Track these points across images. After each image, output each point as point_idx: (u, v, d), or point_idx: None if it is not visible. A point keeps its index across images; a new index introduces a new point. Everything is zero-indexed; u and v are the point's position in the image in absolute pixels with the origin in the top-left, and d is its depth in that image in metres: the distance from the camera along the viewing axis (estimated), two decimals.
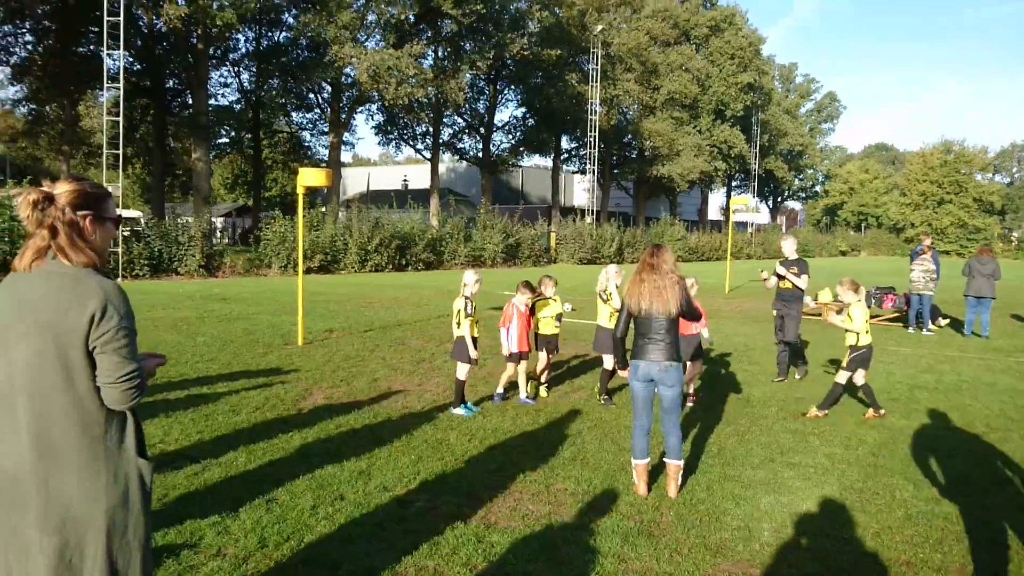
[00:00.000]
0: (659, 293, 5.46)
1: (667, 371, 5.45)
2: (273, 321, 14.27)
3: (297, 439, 6.59)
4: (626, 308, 5.64)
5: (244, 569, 4.10)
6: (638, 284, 5.58)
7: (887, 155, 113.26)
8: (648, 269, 5.59)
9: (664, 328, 5.46)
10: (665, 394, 5.52)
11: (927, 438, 7.18)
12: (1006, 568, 4.39)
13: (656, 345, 5.46)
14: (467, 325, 7.78)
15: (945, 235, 72.57)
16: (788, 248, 10.28)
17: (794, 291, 9.99)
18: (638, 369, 5.52)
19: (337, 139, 43.60)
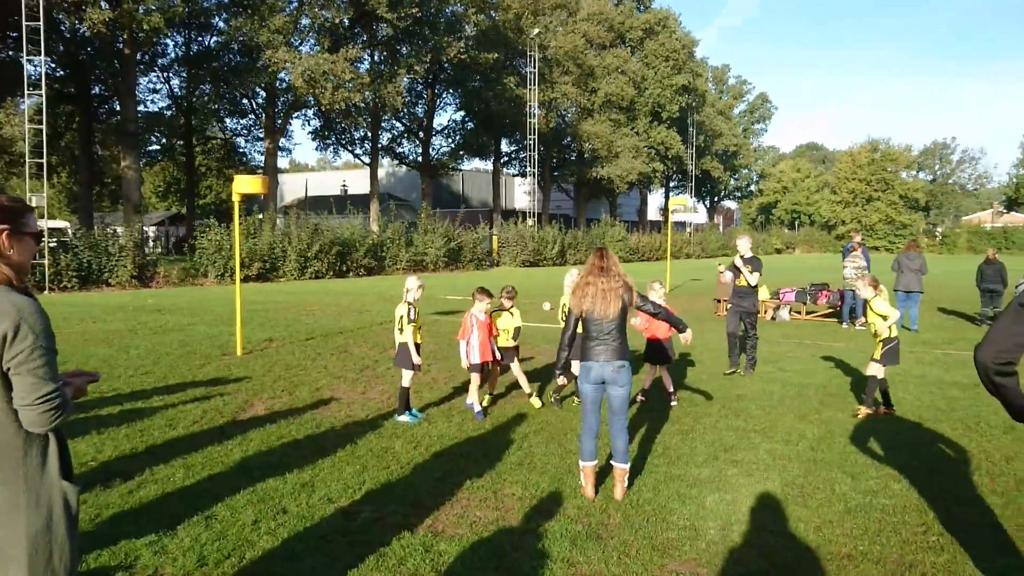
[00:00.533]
0: (604, 296, 5.48)
1: (619, 371, 5.45)
2: (210, 331, 13.91)
3: (237, 452, 6.42)
4: (574, 311, 5.65)
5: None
6: (584, 287, 5.60)
7: (817, 154, 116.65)
8: (597, 272, 5.61)
9: (614, 328, 5.48)
10: (615, 394, 5.51)
11: (863, 431, 7.38)
12: (939, 558, 4.52)
13: (607, 346, 5.47)
14: (410, 331, 7.69)
15: (874, 231, 75.01)
16: (744, 246, 10.57)
17: (749, 288, 10.34)
18: (590, 371, 5.49)
19: (273, 145, 42.83)
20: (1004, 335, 3.05)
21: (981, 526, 4.98)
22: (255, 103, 46.27)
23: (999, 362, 3.03)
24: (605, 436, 5.93)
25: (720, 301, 18.25)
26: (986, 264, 16.49)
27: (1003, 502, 5.44)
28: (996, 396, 3.17)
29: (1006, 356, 3.03)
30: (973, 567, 4.36)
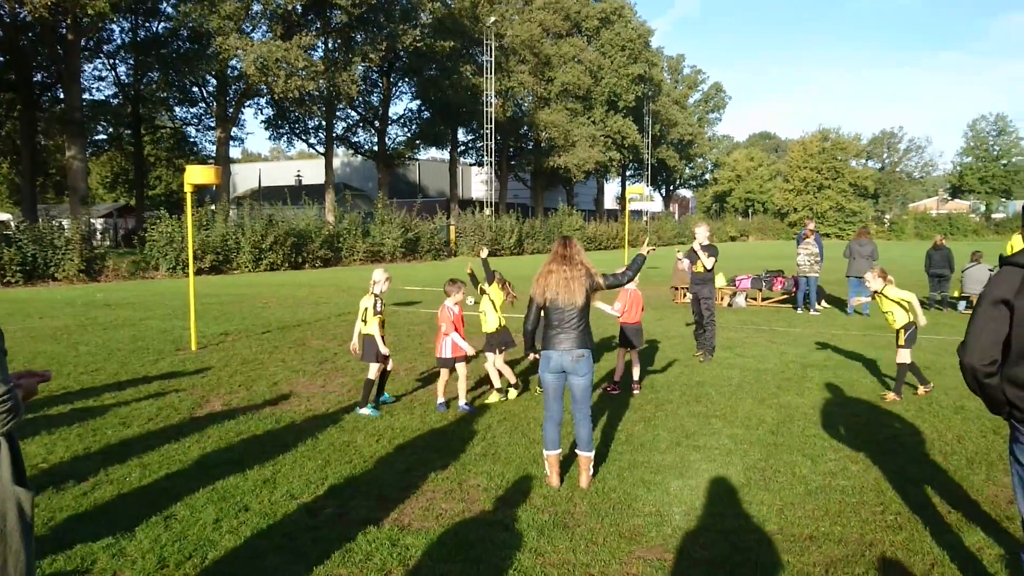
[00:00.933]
0: (567, 284, 5.45)
1: (578, 361, 5.43)
2: (163, 326, 13.60)
3: (195, 450, 6.28)
4: (535, 299, 5.62)
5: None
6: (546, 275, 5.56)
7: (770, 143, 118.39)
8: (559, 260, 5.58)
9: (575, 317, 5.46)
10: (576, 384, 5.50)
11: (821, 414, 7.51)
12: (898, 536, 4.62)
13: (567, 335, 5.44)
14: (375, 323, 7.60)
15: (825, 219, 76.42)
16: (702, 234, 10.76)
17: (707, 274, 10.59)
18: (550, 360, 5.48)
19: (225, 134, 41.99)
20: (984, 334, 3.10)
21: (936, 504, 5.11)
22: (206, 91, 45.31)
23: (985, 363, 3.09)
24: (569, 425, 5.94)
25: (678, 289, 18.43)
26: (934, 250, 16.91)
27: (955, 481, 5.59)
28: (979, 394, 3.23)
29: (991, 356, 3.09)
30: (930, 544, 4.46)
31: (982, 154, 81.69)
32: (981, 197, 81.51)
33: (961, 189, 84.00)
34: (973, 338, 3.13)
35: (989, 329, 3.08)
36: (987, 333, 3.09)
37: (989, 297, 3.12)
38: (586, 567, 4.18)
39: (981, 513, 4.96)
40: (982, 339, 3.10)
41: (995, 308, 3.07)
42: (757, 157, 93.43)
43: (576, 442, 5.60)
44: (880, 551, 4.39)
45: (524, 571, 4.12)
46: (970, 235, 70.59)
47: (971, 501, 5.17)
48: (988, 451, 6.28)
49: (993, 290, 3.11)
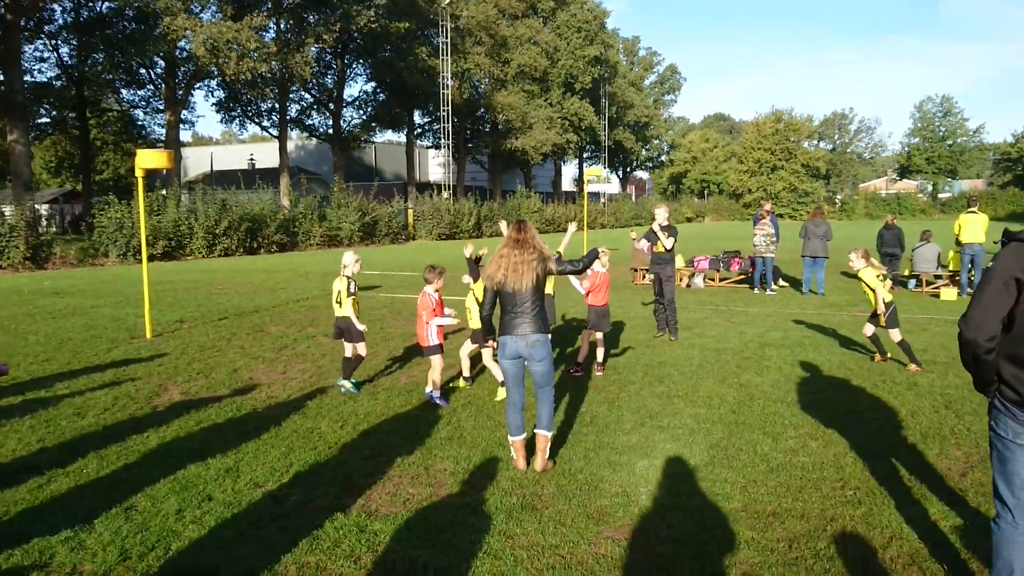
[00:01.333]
0: (515, 268, 5.39)
1: (534, 346, 5.38)
2: (116, 314, 13.29)
3: (154, 439, 6.16)
4: (487, 284, 5.56)
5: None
6: (498, 260, 5.51)
7: (725, 124, 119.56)
8: (512, 244, 5.53)
9: (527, 302, 5.40)
10: (536, 369, 5.47)
11: (780, 392, 7.65)
12: (857, 511, 4.73)
13: (522, 319, 5.39)
14: (349, 304, 7.69)
15: (779, 199, 77.52)
16: (661, 215, 10.87)
17: (667, 254, 10.69)
18: (506, 346, 5.44)
19: (174, 117, 40.97)
20: (990, 310, 3.14)
21: (893, 478, 5.24)
22: (154, 73, 44.10)
23: (987, 338, 3.15)
24: (533, 408, 5.94)
25: (637, 270, 18.58)
26: (885, 229, 17.28)
27: (911, 455, 5.74)
28: (973, 370, 3.29)
29: (993, 331, 3.15)
30: (889, 517, 4.58)
31: (929, 135, 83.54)
32: (928, 177, 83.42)
33: (909, 169, 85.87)
34: (978, 313, 3.17)
35: (995, 305, 3.14)
36: (993, 309, 3.14)
37: (999, 274, 3.15)
38: (555, 548, 4.20)
39: (936, 486, 5.10)
40: (988, 315, 3.15)
41: (1004, 285, 3.12)
42: (712, 139, 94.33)
43: (536, 420, 5.57)
44: (841, 525, 4.49)
45: (494, 554, 4.13)
46: (918, 215, 72.30)
47: (926, 475, 5.32)
48: (940, 426, 6.46)
49: (1003, 267, 3.14)
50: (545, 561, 4.05)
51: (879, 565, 3.99)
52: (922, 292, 16.29)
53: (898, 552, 4.13)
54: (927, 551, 4.14)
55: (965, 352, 3.26)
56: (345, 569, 3.97)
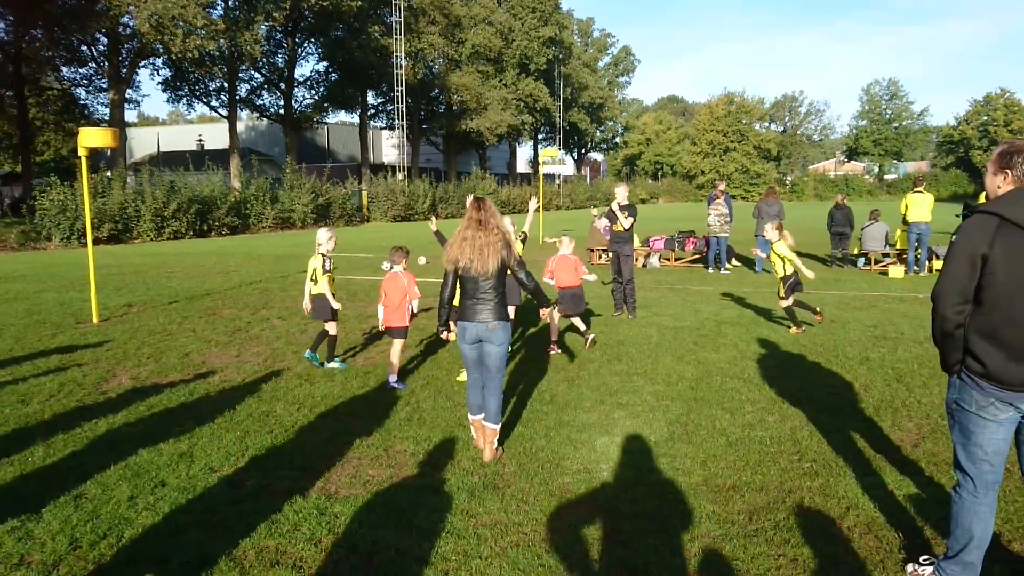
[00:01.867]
0: (480, 252, 5.17)
1: (494, 331, 5.24)
2: (60, 299, 12.87)
3: (103, 426, 5.98)
4: (449, 267, 5.31)
5: (55, 575, 3.64)
6: (461, 242, 5.25)
7: (678, 107, 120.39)
8: (475, 225, 5.25)
9: (491, 287, 5.23)
10: (492, 352, 5.29)
11: (737, 368, 7.74)
12: (815, 482, 4.80)
13: (484, 305, 5.22)
14: (325, 281, 7.72)
15: (731, 181, 78.54)
16: (621, 194, 11.06)
17: (626, 234, 10.83)
18: (466, 331, 5.28)
19: (119, 96, 39.69)
20: (958, 283, 3.17)
21: (848, 450, 5.34)
22: (96, 50, 42.57)
23: (957, 311, 3.18)
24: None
25: (593, 250, 18.64)
26: (836, 209, 17.59)
27: (864, 427, 5.86)
28: (942, 345, 3.32)
29: (963, 305, 3.18)
30: (845, 488, 4.66)
31: (876, 118, 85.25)
32: (875, 159, 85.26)
33: (856, 151, 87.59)
34: (946, 287, 3.21)
35: (962, 278, 3.16)
36: (960, 282, 3.17)
37: (964, 247, 3.17)
38: (518, 526, 4.19)
39: (890, 457, 5.21)
40: (955, 288, 3.18)
41: (969, 259, 3.14)
42: (666, 120, 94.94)
43: (484, 413, 5.36)
44: (799, 497, 4.55)
45: (457, 533, 4.10)
46: (865, 195, 73.94)
47: (880, 446, 5.43)
48: (892, 399, 6.60)
49: (966, 241, 3.17)
50: (509, 539, 4.03)
51: (837, 534, 4.06)
52: (871, 270, 16.64)
53: (855, 521, 4.21)
54: (883, 520, 4.22)
55: (935, 326, 3.30)
56: (306, 552, 3.90)
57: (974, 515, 3.34)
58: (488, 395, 5.35)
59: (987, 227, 3.11)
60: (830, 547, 3.91)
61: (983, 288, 3.14)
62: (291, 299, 12.69)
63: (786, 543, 3.95)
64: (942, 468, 4.93)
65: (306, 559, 3.83)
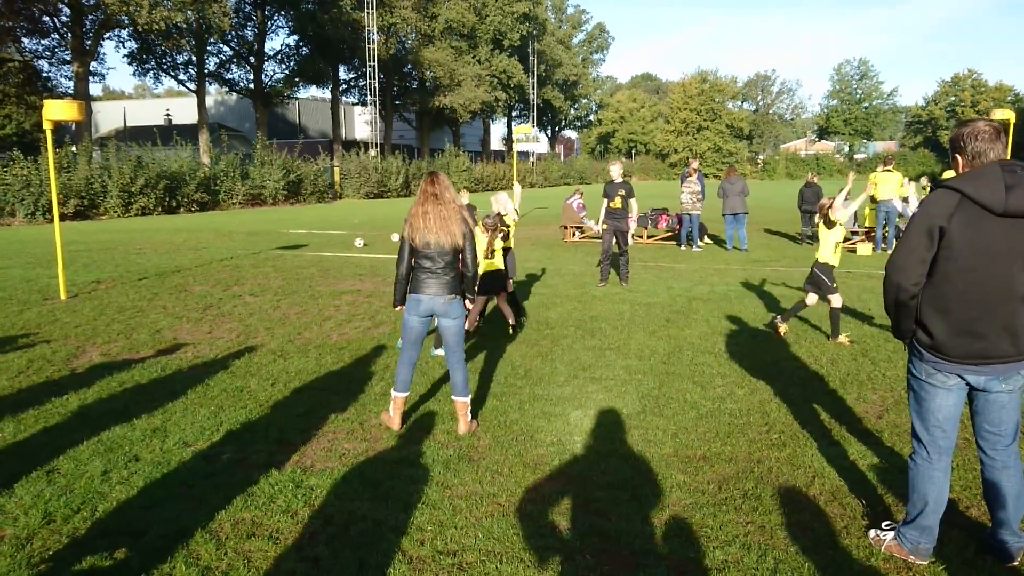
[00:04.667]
0: (445, 224, 5.15)
1: (450, 304, 5.25)
2: (26, 275, 12.67)
3: (74, 401, 5.93)
4: (407, 241, 5.24)
5: (29, 550, 3.63)
6: (422, 216, 5.19)
7: (652, 85, 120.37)
8: (431, 200, 5.20)
9: (448, 261, 5.22)
10: (448, 326, 5.31)
11: (708, 343, 7.86)
12: (782, 453, 4.92)
13: (440, 279, 5.21)
14: None
15: (704, 159, 78.95)
16: (615, 172, 11.64)
17: (622, 210, 11.38)
18: (420, 304, 5.23)
19: (83, 69, 38.81)
20: (915, 254, 3.24)
21: (815, 422, 5.47)
22: (58, 21, 41.54)
23: (912, 282, 3.26)
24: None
25: (567, 228, 18.69)
26: (806, 187, 17.80)
27: (831, 400, 5.99)
28: (894, 314, 3.40)
29: (918, 276, 3.26)
30: (811, 458, 4.78)
31: (846, 97, 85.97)
32: (845, 138, 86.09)
33: (827, 131, 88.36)
34: (903, 257, 3.28)
35: (919, 249, 3.24)
36: (916, 253, 3.25)
37: (923, 219, 3.24)
38: (493, 497, 4.25)
39: (855, 428, 5.34)
40: (911, 259, 3.25)
41: (927, 231, 3.21)
42: (639, 99, 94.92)
43: (451, 388, 5.39)
44: (767, 467, 4.66)
45: (432, 504, 4.15)
46: (835, 174, 74.68)
47: (845, 418, 5.56)
48: (858, 372, 6.75)
49: (927, 213, 3.24)
50: (484, 509, 4.09)
51: (804, 502, 4.17)
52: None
53: (820, 490, 4.32)
54: (847, 488, 4.34)
55: (888, 295, 3.37)
56: (282, 524, 3.93)
57: (929, 480, 3.46)
58: (453, 370, 5.36)
59: (948, 202, 3.19)
60: (797, 514, 4.02)
61: (937, 261, 3.22)
62: (263, 275, 12.61)
63: (754, 511, 4.06)
64: (904, 439, 5.07)
65: (282, 531, 3.86)
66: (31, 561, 3.54)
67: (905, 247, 3.28)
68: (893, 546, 3.59)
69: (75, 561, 3.53)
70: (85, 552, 3.61)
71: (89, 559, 3.54)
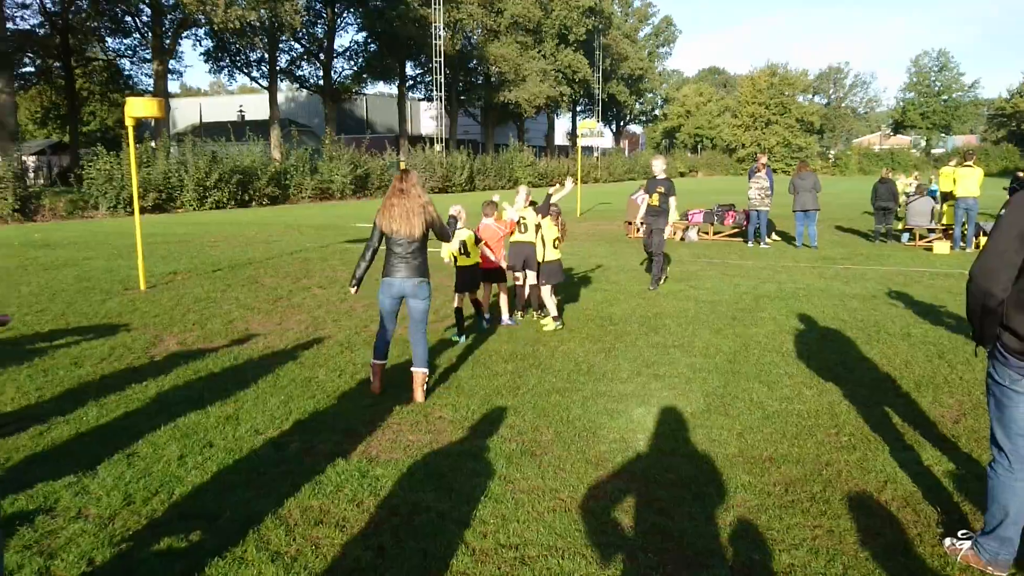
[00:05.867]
0: (407, 217, 5.82)
1: (419, 286, 5.92)
2: (108, 266, 13.21)
3: (153, 388, 6.17)
4: (377, 228, 5.96)
5: (111, 529, 3.80)
6: (389, 208, 5.90)
7: (719, 78, 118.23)
8: (398, 194, 5.91)
9: (416, 248, 5.89)
10: (416, 306, 5.97)
11: (775, 342, 7.70)
12: (852, 456, 4.80)
13: (408, 264, 5.88)
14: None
15: (773, 154, 77.25)
16: (658, 167, 11.03)
17: (661, 207, 10.76)
18: (392, 287, 5.91)
19: (162, 67, 40.24)
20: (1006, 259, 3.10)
21: (886, 425, 5.31)
22: (140, 21, 43.16)
23: (1001, 287, 3.11)
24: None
25: (631, 223, 18.55)
26: (880, 183, 17.25)
27: (904, 403, 5.81)
28: (979, 320, 3.25)
29: (1007, 282, 3.11)
30: (883, 462, 4.65)
31: (924, 90, 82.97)
32: (922, 132, 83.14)
33: (903, 124, 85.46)
34: (991, 262, 3.13)
35: (1009, 253, 3.09)
36: (1007, 258, 3.10)
37: (1012, 225, 3.11)
38: (555, 492, 4.26)
39: (929, 433, 5.17)
40: (1000, 263, 3.10)
41: (1018, 237, 3.08)
42: (706, 92, 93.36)
43: (412, 359, 5.99)
44: (836, 470, 4.55)
45: (495, 498, 4.18)
46: (910, 170, 72.17)
47: (920, 422, 5.39)
48: (934, 375, 6.53)
49: (1015, 219, 3.10)
50: (546, 504, 4.10)
51: (874, 508, 4.06)
52: (915, 246, 16.34)
53: (892, 495, 4.20)
54: (920, 494, 4.21)
55: (975, 300, 3.23)
56: (348, 512, 4.02)
57: (1010, 491, 3.33)
58: (414, 343, 6.02)
59: None
60: (867, 520, 3.92)
61: None
62: (331, 268, 12.87)
63: (822, 515, 3.97)
64: (983, 445, 4.89)
65: (349, 519, 3.95)
66: (113, 540, 3.70)
67: (993, 251, 3.14)
68: (970, 556, 3.47)
69: (153, 541, 3.68)
70: (163, 533, 3.76)
71: (166, 540, 3.69)
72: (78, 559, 3.51)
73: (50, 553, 3.57)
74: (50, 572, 3.42)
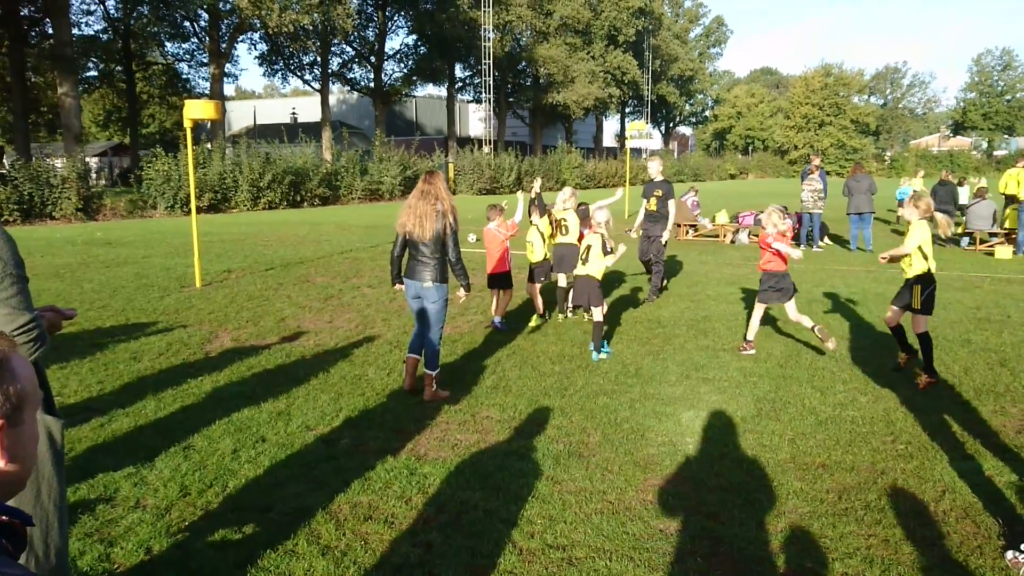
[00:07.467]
0: (420, 221, 5.82)
1: (429, 290, 5.90)
2: (166, 264, 13.56)
3: (208, 383, 6.32)
4: (398, 230, 6.01)
5: (168, 519, 3.90)
6: (406, 209, 5.94)
7: (772, 79, 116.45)
8: (419, 195, 5.92)
9: (429, 251, 5.86)
10: (429, 309, 5.96)
11: None
12: (909, 464, 4.68)
13: (423, 266, 5.89)
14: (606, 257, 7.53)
15: (826, 156, 75.81)
16: (654, 169, 10.32)
17: (659, 212, 10.08)
18: (409, 287, 6.02)
19: (218, 70, 41.16)
20: None
21: (945, 434, 5.17)
22: (197, 26, 44.24)
23: None
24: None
25: (680, 225, 18.36)
26: (940, 185, 16.79)
27: (963, 411, 5.65)
28: None
29: None
30: (941, 472, 4.53)
31: (986, 89, 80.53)
32: (983, 134, 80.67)
33: (963, 126, 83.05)
34: None
35: None
36: None
37: None
38: (603, 494, 4.24)
39: (990, 442, 5.02)
40: None
41: None
42: (758, 93, 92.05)
43: (424, 363, 6.04)
44: (892, 479, 4.45)
45: (542, 498, 4.18)
46: (971, 172, 70.06)
47: (980, 431, 5.23)
48: (995, 383, 6.33)
49: None
50: (593, 506, 4.09)
51: (931, 517, 3.96)
52: (976, 250, 15.86)
53: (951, 505, 4.09)
54: (981, 505, 4.09)
55: None
56: (397, 509, 4.06)
57: None
58: (425, 345, 6.03)
59: None
60: (924, 530, 3.82)
61: None
62: (380, 268, 13.01)
63: (877, 524, 3.88)
64: None
65: (397, 516, 3.99)
66: (169, 530, 3.80)
67: None
68: None
69: (208, 532, 3.77)
70: (217, 525, 3.85)
71: (221, 531, 3.78)
72: (136, 548, 3.61)
73: (110, 541, 3.68)
74: (110, 559, 3.53)
